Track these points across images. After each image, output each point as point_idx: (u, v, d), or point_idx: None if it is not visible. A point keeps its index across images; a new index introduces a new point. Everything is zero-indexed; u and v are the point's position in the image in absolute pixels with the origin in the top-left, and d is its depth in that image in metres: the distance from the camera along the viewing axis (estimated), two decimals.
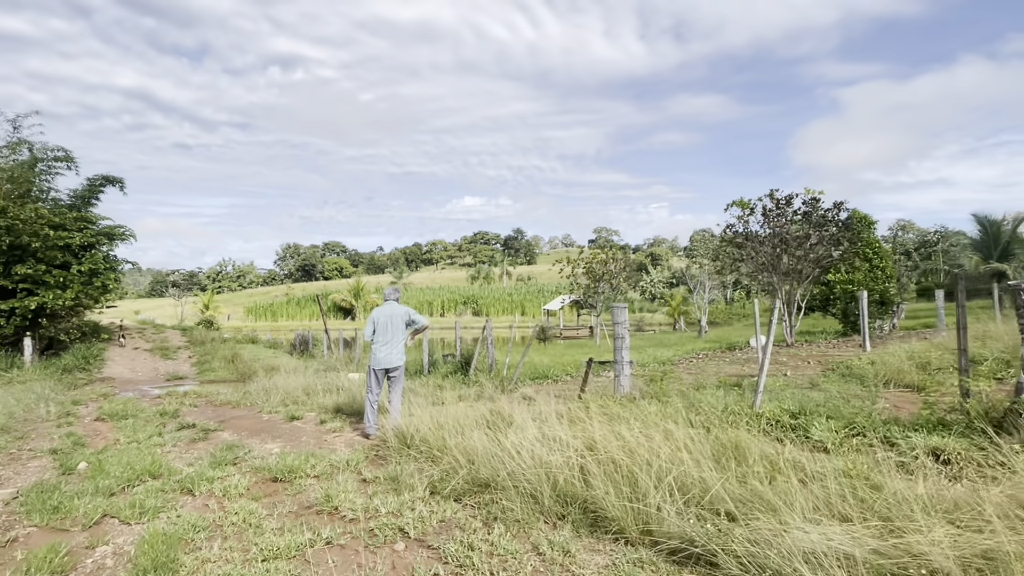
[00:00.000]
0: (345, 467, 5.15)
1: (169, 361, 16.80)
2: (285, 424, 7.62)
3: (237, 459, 5.59)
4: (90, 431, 7.59)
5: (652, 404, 6.17)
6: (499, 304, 68.64)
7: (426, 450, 5.09)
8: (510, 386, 9.73)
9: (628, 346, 7.70)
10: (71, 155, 21.04)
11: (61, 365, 14.09)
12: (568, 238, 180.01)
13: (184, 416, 8.78)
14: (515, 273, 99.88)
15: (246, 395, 10.40)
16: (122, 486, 4.68)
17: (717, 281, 26.20)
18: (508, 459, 4.17)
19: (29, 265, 15.85)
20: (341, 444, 6.34)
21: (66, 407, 9.58)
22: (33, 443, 6.75)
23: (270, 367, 14.99)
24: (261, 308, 70.17)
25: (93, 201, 21.79)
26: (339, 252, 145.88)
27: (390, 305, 6.71)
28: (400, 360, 6.57)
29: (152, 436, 6.75)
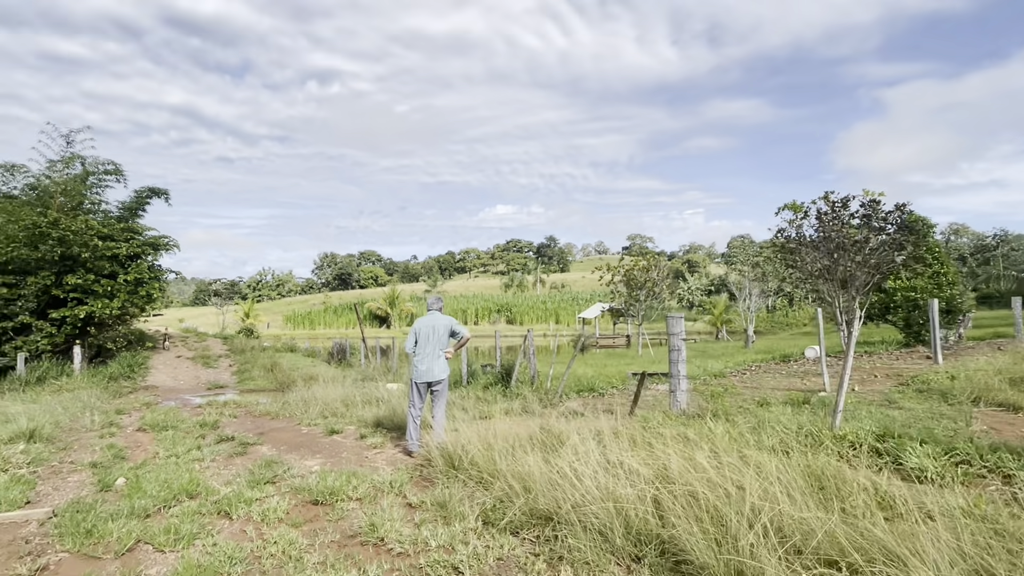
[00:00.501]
0: (389, 489, 4.81)
1: (210, 370, 16.94)
2: (324, 438, 7.36)
3: (276, 477, 5.31)
4: (131, 442, 7.49)
5: (716, 423, 5.65)
6: (533, 312, 68.15)
7: (475, 473, 4.71)
8: (554, 399, 9.29)
9: (684, 359, 7.19)
10: (120, 168, 21.68)
11: (107, 373, 14.32)
12: (601, 245, 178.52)
13: (223, 428, 8.65)
14: (548, 281, 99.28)
15: (285, 406, 10.25)
16: (158, 506, 4.44)
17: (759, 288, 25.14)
18: (569, 488, 3.75)
19: (79, 275, 16.25)
20: (383, 462, 6.02)
21: (110, 416, 9.59)
22: (75, 455, 6.65)
23: (308, 376, 14.93)
24: (299, 316, 71.41)
25: (140, 212, 22.40)
26: (374, 261, 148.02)
27: (432, 315, 6.38)
28: (443, 373, 6.22)
29: (191, 450, 6.57)
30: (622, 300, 22.61)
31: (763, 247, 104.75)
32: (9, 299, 15.93)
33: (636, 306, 22.15)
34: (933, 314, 10.34)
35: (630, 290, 21.80)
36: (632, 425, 5.96)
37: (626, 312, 23.14)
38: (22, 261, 16.26)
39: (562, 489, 3.82)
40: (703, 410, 6.82)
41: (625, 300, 22.34)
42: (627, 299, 22.23)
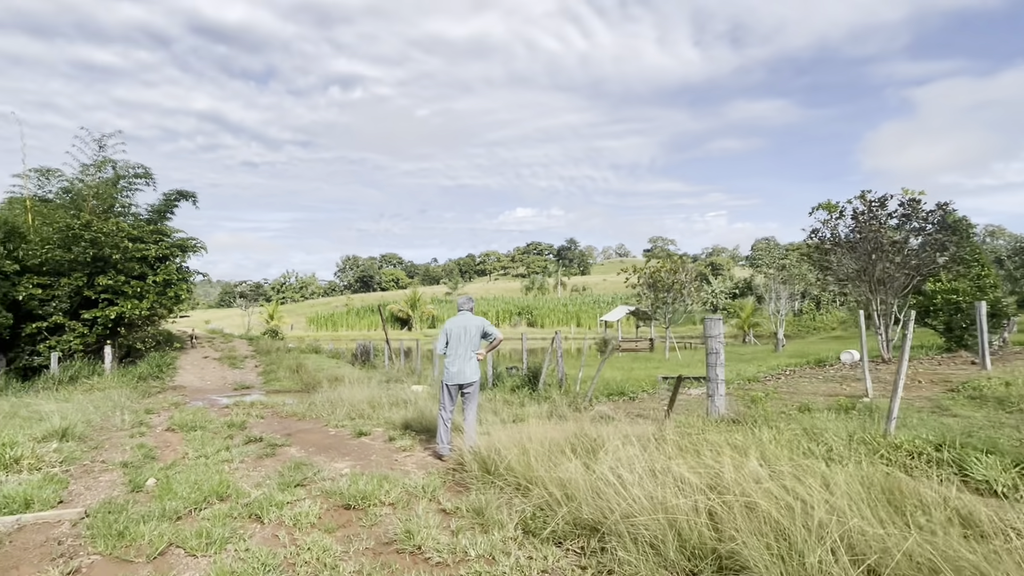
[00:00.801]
0: (422, 494, 4.66)
1: (236, 370, 17.07)
2: (353, 440, 7.26)
3: (306, 480, 5.21)
4: (160, 442, 7.48)
5: (761, 430, 5.39)
6: (554, 315, 67.83)
7: (511, 479, 4.53)
8: (584, 403, 9.08)
9: (723, 362, 6.92)
10: (149, 172, 22.06)
11: (137, 373, 14.49)
12: (622, 248, 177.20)
13: (251, 428, 8.62)
14: (569, 283, 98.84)
15: (311, 407, 10.21)
16: (189, 509, 4.35)
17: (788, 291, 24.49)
18: (615, 496, 3.55)
19: (110, 276, 16.52)
20: (413, 465, 5.88)
21: (139, 416, 9.63)
22: (106, 454, 6.65)
23: (333, 377, 14.92)
24: (322, 318, 72.13)
25: (168, 215, 22.77)
26: (395, 264, 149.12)
27: (463, 316, 6.23)
28: (475, 375, 6.07)
29: (220, 451, 6.51)
30: (648, 303, 22.19)
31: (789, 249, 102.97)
32: (44, 300, 16.25)
33: (663, 309, 21.75)
34: (981, 318, 9.89)
35: (656, 292, 21.40)
36: (671, 431, 5.73)
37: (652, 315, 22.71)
38: (56, 263, 16.59)
39: (607, 498, 3.63)
40: (743, 416, 6.55)
41: (652, 303, 21.93)
42: (654, 301, 21.83)
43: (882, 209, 13.76)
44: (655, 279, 21.25)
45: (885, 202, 13.78)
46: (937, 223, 12.94)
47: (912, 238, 12.96)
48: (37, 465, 5.78)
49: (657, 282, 21.18)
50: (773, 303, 23.26)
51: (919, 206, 13.28)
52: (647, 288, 21.69)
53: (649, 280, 21.54)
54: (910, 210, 13.28)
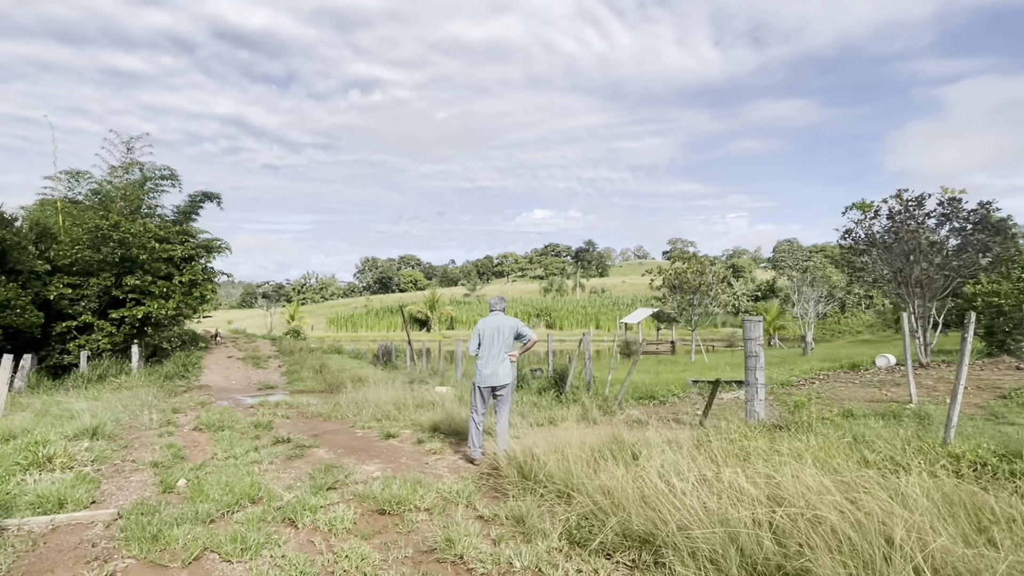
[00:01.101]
0: (457, 499, 4.51)
1: (260, 370, 17.15)
2: (381, 442, 7.15)
3: (337, 483, 5.09)
4: (189, 442, 7.45)
5: (808, 436, 5.15)
6: (573, 317, 67.47)
7: (551, 485, 4.36)
8: (614, 407, 8.87)
9: (763, 366, 6.67)
10: (175, 173, 22.36)
11: (163, 372, 14.63)
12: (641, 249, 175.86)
13: (277, 429, 8.57)
14: (588, 285, 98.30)
15: (336, 407, 10.15)
16: (221, 511, 4.26)
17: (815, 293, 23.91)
18: (668, 507, 3.36)
19: (137, 276, 16.72)
20: (444, 469, 5.74)
21: (167, 415, 9.66)
22: (136, 453, 6.63)
23: (356, 378, 14.89)
24: (342, 319, 72.69)
25: (193, 216, 23.05)
26: (414, 265, 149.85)
27: (496, 316, 6.08)
28: (508, 377, 5.91)
29: (248, 451, 6.44)
30: (674, 304, 21.83)
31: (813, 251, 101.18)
32: (73, 299, 16.51)
33: (689, 311, 21.37)
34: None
35: (683, 294, 21.03)
36: (713, 436, 5.52)
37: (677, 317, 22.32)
38: (85, 263, 16.85)
39: (657, 507, 3.44)
40: (785, 421, 6.30)
41: (678, 304, 21.57)
42: (680, 303, 21.47)
43: (919, 208, 13.32)
44: (681, 280, 20.89)
45: (923, 201, 13.34)
46: (979, 223, 12.46)
47: (952, 238, 12.50)
48: (69, 464, 5.75)
49: (683, 283, 20.82)
50: (801, 305, 22.72)
51: (960, 205, 12.82)
52: (673, 290, 21.31)
53: (675, 281, 21.19)
54: (950, 209, 12.81)
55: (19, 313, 14.56)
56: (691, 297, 20.64)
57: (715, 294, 20.78)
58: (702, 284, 20.32)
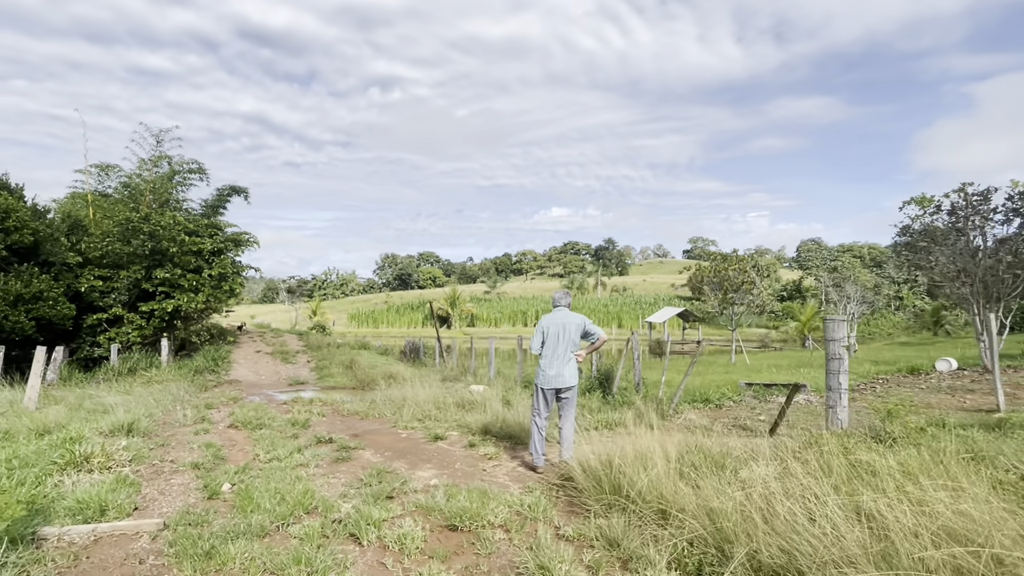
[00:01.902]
0: (532, 514, 4.05)
1: (289, 365, 16.91)
2: (428, 445, 6.72)
3: (394, 491, 4.67)
4: (226, 440, 7.11)
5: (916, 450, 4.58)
6: (594, 315, 66.65)
7: (640, 502, 3.87)
8: (668, 411, 8.35)
9: (846, 369, 6.09)
10: (203, 167, 22.26)
11: (193, 367, 14.43)
12: (660, 248, 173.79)
13: (315, 427, 8.22)
14: (609, 284, 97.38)
15: (372, 405, 9.78)
16: (275, 523, 3.85)
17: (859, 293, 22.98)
18: (803, 535, 2.86)
19: (167, 269, 16.58)
20: (505, 477, 5.29)
21: (200, 411, 9.37)
22: (174, 452, 6.29)
23: (388, 375, 14.53)
24: (363, 315, 72.80)
25: (221, 210, 22.97)
26: (433, 262, 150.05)
27: (561, 312, 5.59)
28: (574, 379, 5.43)
29: (292, 453, 6.05)
30: (715, 303, 21.11)
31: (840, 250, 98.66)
32: (104, 291, 16.43)
33: (730, 310, 20.65)
34: None
35: (724, 292, 20.31)
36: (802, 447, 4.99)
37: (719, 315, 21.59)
38: (116, 255, 16.76)
39: (788, 536, 2.93)
40: (876, 431, 5.73)
41: (720, 302, 20.85)
42: (722, 302, 20.74)
43: (985, 203, 12.53)
44: (722, 277, 20.16)
45: (989, 196, 12.54)
46: None
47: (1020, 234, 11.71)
48: (107, 464, 5.42)
49: (724, 280, 20.09)
50: (844, 305, 21.86)
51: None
52: (714, 287, 20.59)
53: (715, 279, 20.47)
54: (1021, 204, 12.01)
55: (51, 305, 14.48)
56: (733, 296, 19.90)
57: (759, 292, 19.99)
58: (744, 282, 19.58)
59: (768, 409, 8.84)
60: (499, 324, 66.61)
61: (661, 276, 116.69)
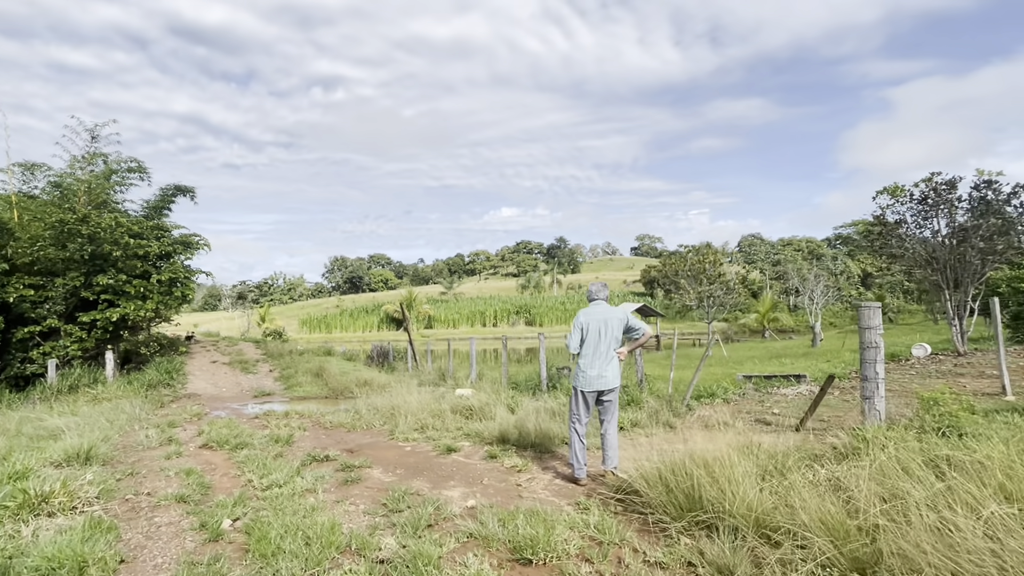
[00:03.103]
0: (605, 537, 3.53)
1: (250, 375, 15.73)
2: (442, 458, 6.09)
3: (432, 518, 4.05)
4: (204, 464, 6.25)
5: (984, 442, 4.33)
6: (552, 313, 66.84)
7: (727, 517, 3.40)
8: (681, 408, 8.00)
9: (882, 359, 5.87)
10: (143, 166, 20.57)
11: (145, 381, 13.12)
12: (609, 246, 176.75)
13: (300, 443, 7.43)
14: (565, 282, 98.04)
15: (357, 416, 9.03)
16: (309, 572, 3.17)
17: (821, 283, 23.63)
18: (976, 554, 2.46)
19: (110, 275, 15.10)
20: (546, 492, 4.74)
21: (164, 431, 8.37)
22: (148, 483, 5.41)
23: (362, 382, 13.70)
24: (315, 320, 70.32)
25: (165, 212, 21.31)
26: (384, 264, 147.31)
27: (600, 306, 5.07)
28: (617, 380, 4.93)
29: (292, 477, 5.30)
30: (694, 296, 21.12)
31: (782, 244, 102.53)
32: (36, 302, 14.79)
33: (706, 302, 20.72)
34: None
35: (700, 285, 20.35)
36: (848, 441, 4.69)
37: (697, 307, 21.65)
38: (48, 261, 15.14)
39: (959, 559, 2.52)
40: (918, 422, 5.50)
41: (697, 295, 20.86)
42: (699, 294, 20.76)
43: (951, 192, 12.90)
44: (697, 271, 20.19)
45: (955, 185, 12.92)
46: (1020, 205, 12.09)
47: (991, 220, 12.08)
48: (71, 503, 4.53)
49: (699, 274, 20.12)
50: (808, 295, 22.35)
51: (997, 187, 12.44)
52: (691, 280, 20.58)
53: (689, 272, 20.50)
54: (986, 192, 12.41)
55: None
56: (709, 288, 19.96)
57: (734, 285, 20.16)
58: (719, 275, 19.68)
59: (776, 401, 8.64)
60: (457, 325, 65.76)
61: (612, 273, 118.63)
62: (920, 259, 13.06)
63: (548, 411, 7.65)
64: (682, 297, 22.16)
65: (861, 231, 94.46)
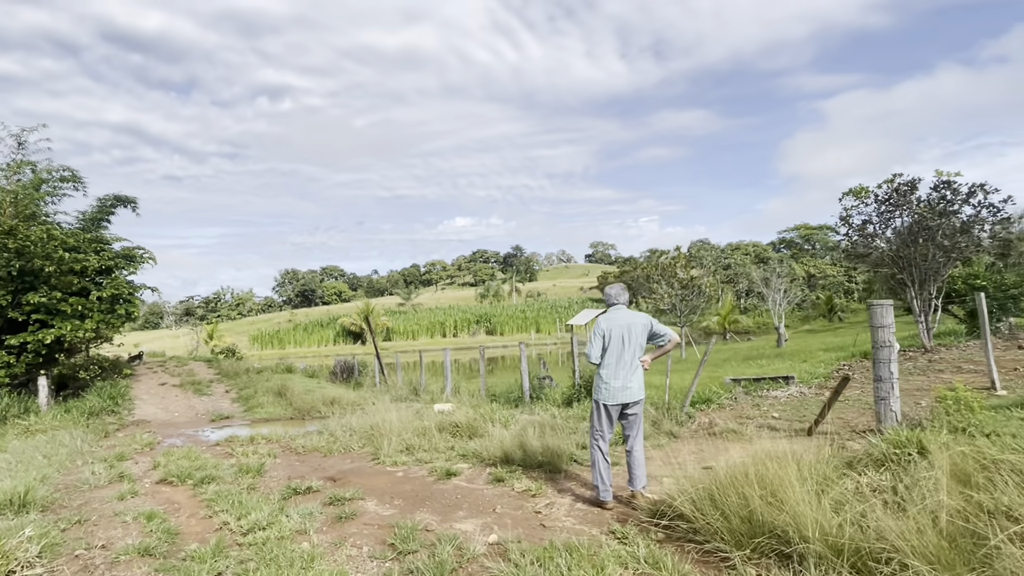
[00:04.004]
0: (659, 574, 3.10)
1: (205, 397, 14.59)
2: (442, 484, 5.52)
3: (456, 562, 3.51)
4: (167, 504, 5.49)
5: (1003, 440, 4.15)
6: (513, 322, 66.46)
7: (801, 546, 3.03)
8: (681, 415, 7.69)
9: (896, 358, 5.71)
10: (78, 175, 19.04)
11: (86, 408, 11.87)
12: (564, 254, 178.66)
13: (272, 473, 6.73)
14: (524, 290, 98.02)
15: (332, 439, 8.34)
16: None
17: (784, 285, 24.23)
18: None
19: (42, 293, 13.72)
20: (571, 520, 4.27)
21: (113, 465, 7.46)
22: (101, 532, 4.63)
23: (329, 400, 12.87)
24: (266, 336, 67.48)
25: (104, 224, 19.76)
26: (337, 276, 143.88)
27: (620, 311, 4.65)
28: (642, 391, 4.53)
29: (276, 515, 4.63)
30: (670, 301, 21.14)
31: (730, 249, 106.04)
32: None
33: (681, 305, 20.76)
34: None
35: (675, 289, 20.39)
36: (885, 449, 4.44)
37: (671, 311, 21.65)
38: None
39: None
40: (940, 422, 5.33)
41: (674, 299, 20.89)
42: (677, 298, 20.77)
43: (912, 192, 13.27)
44: (669, 275, 20.22)
45: (915, 185, 13.30)
46: (978, 204, 12.52)
47: (953, 219, 12.46)
48: (7, 567, 3.76)
49: (671, 277, 20.16)
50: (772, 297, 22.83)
51: (955, 187, 12.85)
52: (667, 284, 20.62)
53: (661, 276, 20.52)
54: (947, 191, 12.81)
55: None
56: (685, 292, 20.04)
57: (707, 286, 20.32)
58: (693, 278, 19.79)
59: (771, 405, 8.47)
60: (417, 336, 64.48)
61: (569, 280, 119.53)
62: (887, 258, 13.34)
63: (544, 425, 7.19)
64: (656, 301, 22.22)
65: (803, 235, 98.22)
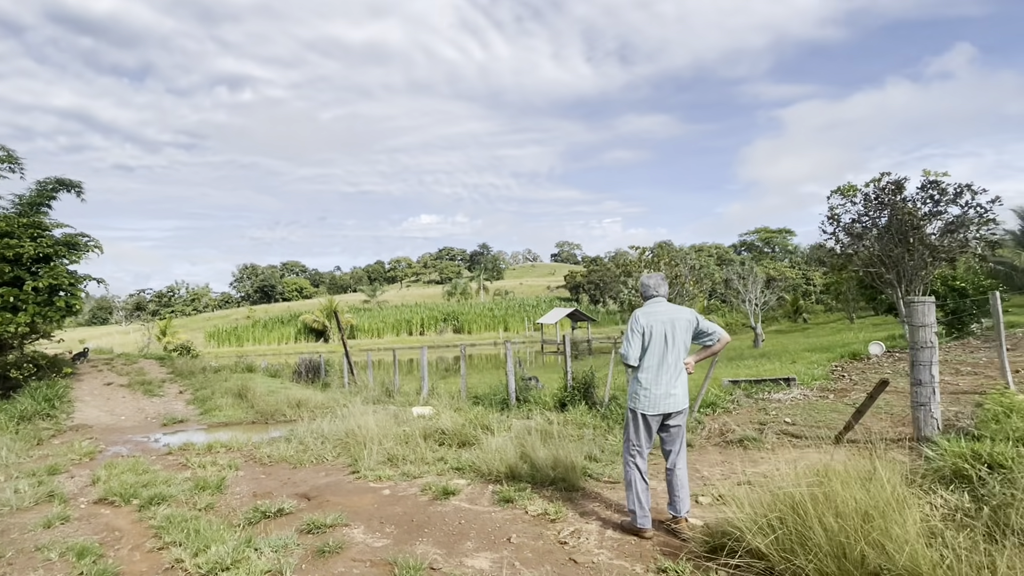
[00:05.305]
0: None
1: (156, 399, 13.34)
2: (440, 505, 4.75)
3: None
4: (104, 532, 4.57)
5: None
6: (481, 320, 65.62)
7: None
8: (691, 420, 7.11)
9: (936, 360, 5.24)
10: (13, 155, 17.33)
11: (16, 412, 10.55)
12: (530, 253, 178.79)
13: (234, 487, 5.86)
14: (491, 288, 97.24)
15: (302, 447, 7.46)
16: None
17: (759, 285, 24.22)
18: None
19: None
20: (607, 553, 3.58)
21: (41, 480, 6.40)
22: (16, 574, 3.71)
23: (295, 403, 11.87)
24: (223, 332, 64.69)
25: (44, 209, 18.08)
26: (298, 272, 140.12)
27: (661, 305, 3.97)
28: (686, 400, 3.87)
29: (243, 549, 3.78)
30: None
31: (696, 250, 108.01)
32: None
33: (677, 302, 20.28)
34: None
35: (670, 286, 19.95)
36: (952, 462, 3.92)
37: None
38: None
39: None
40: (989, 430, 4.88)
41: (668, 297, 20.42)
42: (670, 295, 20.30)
43: (899, 192, 13.15)
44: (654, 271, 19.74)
45: (902, 185, 13.19)
46: (967, 204, 12.45)
47: (940, 220, 12.37)
48: None
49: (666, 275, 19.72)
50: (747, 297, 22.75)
51: (942, 187, 12.76)
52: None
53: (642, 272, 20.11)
54: (935, 191, 12.71)
55: None
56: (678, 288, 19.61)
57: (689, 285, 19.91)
58: (677, 276, 19.38)
59: (776, 408, 7.99)
60: (382, 334, 62.96)
61: (535, 279, 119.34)
62: (874, 258, 13.18)
63: (543, 432, 6.49)
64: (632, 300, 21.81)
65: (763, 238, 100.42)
